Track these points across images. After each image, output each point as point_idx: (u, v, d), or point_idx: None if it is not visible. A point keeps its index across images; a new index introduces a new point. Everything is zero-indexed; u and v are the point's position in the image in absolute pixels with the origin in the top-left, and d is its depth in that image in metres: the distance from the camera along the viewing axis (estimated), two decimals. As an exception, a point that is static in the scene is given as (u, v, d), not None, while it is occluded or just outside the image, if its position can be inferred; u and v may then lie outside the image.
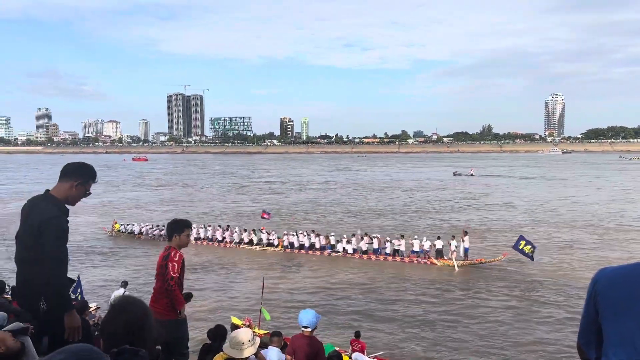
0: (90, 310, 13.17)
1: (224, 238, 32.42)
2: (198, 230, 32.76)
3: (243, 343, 4.83)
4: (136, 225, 35.81)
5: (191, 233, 9.32)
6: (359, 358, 11.78)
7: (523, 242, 24.03)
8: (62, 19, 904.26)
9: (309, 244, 29.73)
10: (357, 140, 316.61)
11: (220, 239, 32.43)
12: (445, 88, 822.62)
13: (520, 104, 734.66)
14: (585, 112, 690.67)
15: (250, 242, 31.72)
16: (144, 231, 34.84)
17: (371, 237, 29.02)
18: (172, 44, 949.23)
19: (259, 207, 38.76)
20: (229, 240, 32.21)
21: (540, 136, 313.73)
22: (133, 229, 35.45)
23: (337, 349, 11.09)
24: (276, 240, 30.94)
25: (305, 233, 30.53)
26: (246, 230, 32.73)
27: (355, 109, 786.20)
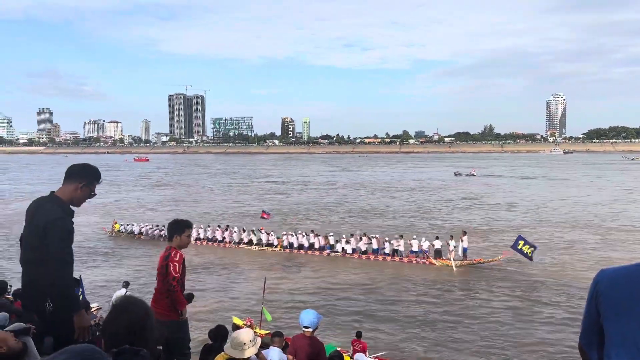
0: (92, 311, 13.19)
1: (224, 238, 32.52)
2: (198, 231, 32.83)
3: (244, 343, 4.83)
4: (136, 225, 35.94)
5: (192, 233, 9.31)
6: (361, 358, 11.78)
7: (522, 242, 23.98)
8: (63, 19, 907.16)
9: (308, 244, 29.81)
10: (358, 140, 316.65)
11: (220, 239, 32.53)
12: (445, 88, 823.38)
13: (521, 104, 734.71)
14: (587, 112, 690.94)
15: (250, 242, 31.80)
16: (144, 231, 34.97)
17: (370, 238, 29.08)
18: (173, 44, 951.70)
19: (260, 208, 38.78)
20: (229, 240, 32.31)
21: (541, 136, 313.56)
22: (133, 229, 35.57)
23: (339, 349, 11.08)
24: (275, 241, 31.01)
25: (305, 233, 30.62)
26: (245, 231, 32.82)
27: (355, 109, 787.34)
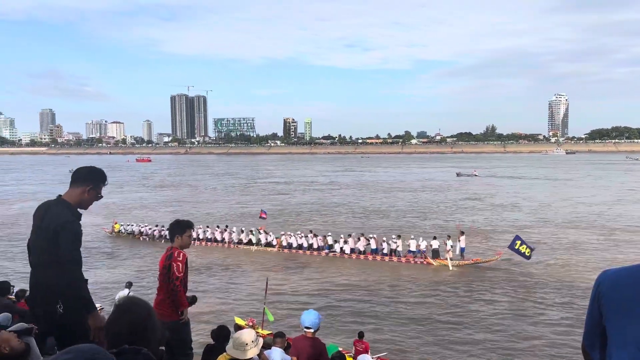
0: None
1: (223, 239, 32.67)
2: (197, 231, 32.96)
3: (246, 344, 4.83)
4: (135, 225, 36.26)
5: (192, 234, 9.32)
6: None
7: (519, 242, 23.98)
8: (65, 20, 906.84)
9: (307, 245, 29.94)
10: (360, 140, 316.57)
11: (220, 239, 32.70)
12: (447, 88, 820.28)
13: (523, 104, 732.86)
14: (589, 113, 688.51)
15: (250, 243, 31.91)
16: (144, 231, 35.26)
17: (368, 238, 29.19)
18: (174, 45, 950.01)
19: (263, 208, 38.82)
20: (228, 240, 32.46)
21: (544, 137, 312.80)
22: (132, 229, 35.85)
23: (341, 349, 11.08)
24: (275, 241, 31.13)
25: (303, 234, 30.73)
26: (243, 231, 32.96)
27: (357, 109, 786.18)
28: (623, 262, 21.67)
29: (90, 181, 4.05)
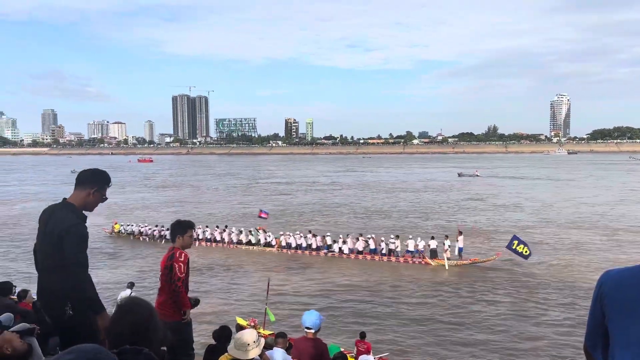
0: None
1: (223, 239, 32.76)
2: (196, 231, 33.01)
3: (248, 344, 4.82)
4: (135, 225, 36.40)
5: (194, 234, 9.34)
6: None
7: (516, 242, 23.99)
8: (67, 20, 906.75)
9: (305, 245, 30.01)
10: (362, 141, 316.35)
11: (219, 239, 32.79)
12: (449, 88, 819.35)
13: (525, 104, 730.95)
14: (591, 113, 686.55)
15: (249, 243, 31.97)
16: (144, 231, 35.42)
17: (366, 239, 29.23)
18: (176, 45, 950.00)
19: (265, 209, 38.84)
20: (227, 240, 32.53)
21: (545, 137, 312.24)
22: (132, 229, 35.98)
23: (342, 349, 11.09)
24: (274, 241, 31.21)
25: (302, 234, 30.79)
26: (242, 232, 33.01)
27: (359, 109, 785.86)
28: (626, 263, 21.64)
29: (94, 183, 4.08)
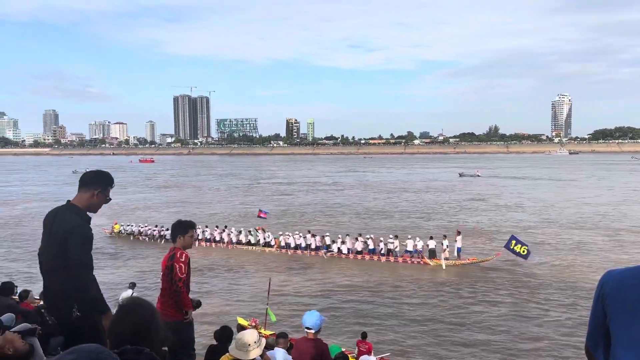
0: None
1: (222, 239, 32.81)
2: (196, 232, 33.00)
3: (249, 344, 4.82)
4: (135, 225, 36.49)
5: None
6: (367, 360, 11.77)
7: (514, 242, 23.98)
8: (69, 21, 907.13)
9: (305, 245, 30.05)
10: (363, 141, 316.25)
11: (219, 240, 32.83)
12: (450, 89, 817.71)
13: (527, 104, 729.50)
14: (592, 113, 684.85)
15: (249, 243, 32.01)
16: (143, 232, 35.51)
17: (365, 239, 29.26)
18: (177, 46, 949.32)
19: (266, 209, 38.85)
20: (227, 240, 32.56)
21: (547, 137, 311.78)
22: (132, 229, 36.08)
23: (344, 350, 11.08)
24: (273, 241, 31.24)
25: (301, 234, 30.82)
26: (241, 232, 33.03)
27: (360, 109, 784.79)
28: (628, 263, 21.58)
29: (97, 184, 4.11)
